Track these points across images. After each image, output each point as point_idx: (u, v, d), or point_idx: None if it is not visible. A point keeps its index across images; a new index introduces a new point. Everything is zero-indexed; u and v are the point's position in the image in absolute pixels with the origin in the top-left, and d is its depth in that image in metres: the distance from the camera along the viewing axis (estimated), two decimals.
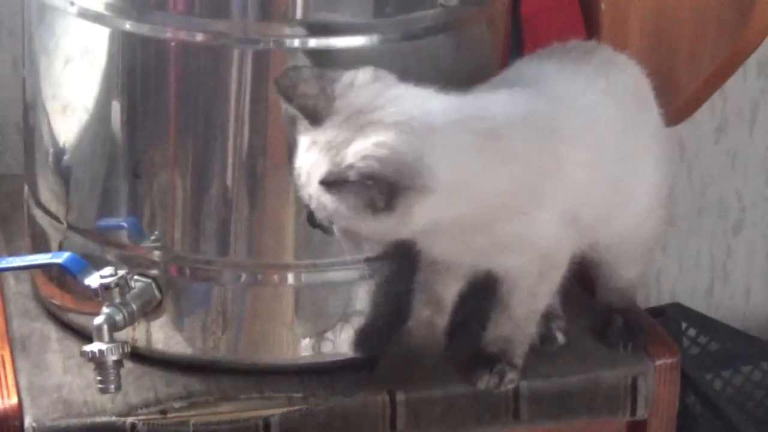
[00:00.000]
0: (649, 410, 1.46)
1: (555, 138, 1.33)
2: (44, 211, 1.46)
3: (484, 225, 1.31)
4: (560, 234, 1.35)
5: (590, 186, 1.36)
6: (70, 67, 1.40)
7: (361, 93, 1.27)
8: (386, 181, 1.22)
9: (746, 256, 2.01)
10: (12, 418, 1.34)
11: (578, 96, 1.37)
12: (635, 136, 1.42)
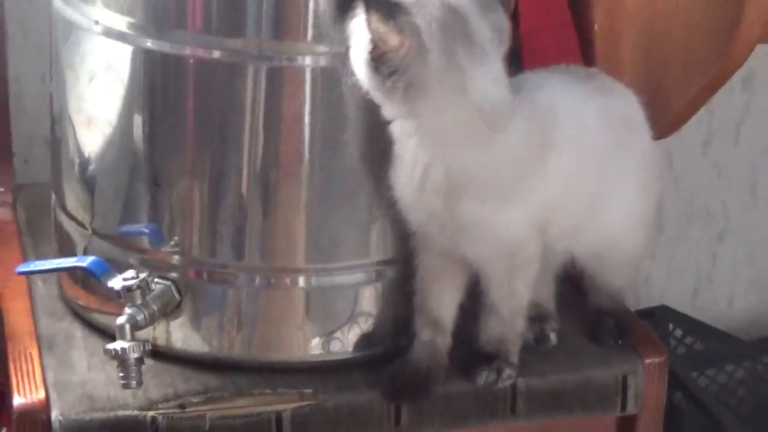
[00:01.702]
0: (639, 406, 1.46)
1: (545, 142, 1.35)
2: (70, 218, 1.47)
3: (452, 195, 1.32)
4: (526, 234, 1.37)
5: (567, 194, 1.37)
6: (94, 83, 1.40)
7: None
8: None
9: (730, 263, 2.01)
10: (39, 412, 1.34)
11: (573, 111, 1.39)
12: (620, 159, 1.43)
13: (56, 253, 1.50)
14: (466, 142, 1.30)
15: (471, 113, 1.28)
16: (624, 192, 1.44)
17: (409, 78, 1.26)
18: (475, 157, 1.31)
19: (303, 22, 1.33)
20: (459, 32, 1.27)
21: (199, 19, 1.34)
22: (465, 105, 1.28)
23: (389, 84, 1.26)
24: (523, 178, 1.34)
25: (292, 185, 1.36)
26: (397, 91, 1.27)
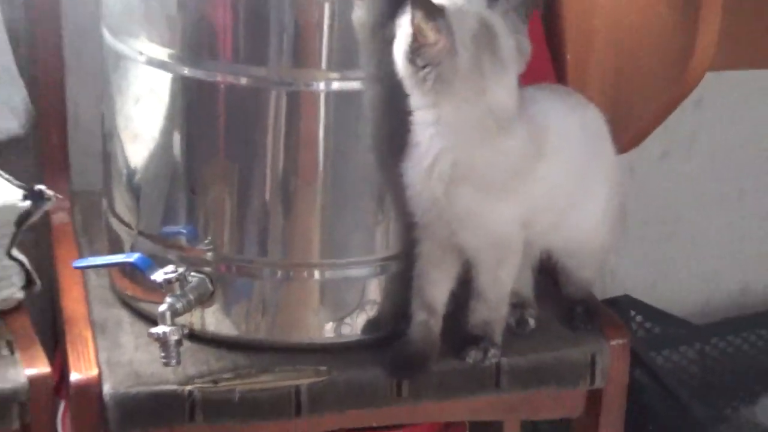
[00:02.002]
0: (605, 381, 1.46)
1: (538, 150, 1.35)
2: (119, 220, 1.47)
3: (455, 187, 1.32)
4: (512, 228, 1.37)
5: (549, 196, 1.38)
6: (139, 105, 1.40)
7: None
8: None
9: (682, 258, 2.01)
10: (93, 386, 1.35)
11: (560, 124, 1.39)
12: (593, 167, 1.43)
13: (107, 250, 1.50)
14: (475, 138, 1.31)
15: (484, 114, 1.30)
16: (595, 196, 1.44)
17: (438, 72, 1.28)
18: (479, 152, 1.32)
19: (318, 53, 1.33)
20: (488, 44, 1.29)
21: (228, 51, 1.34)
22: (481, 106, 1.30)
23: (421, 74, 1.28)
24: (515, 177, 1.34)
25: (309, 192, 1.36)
26: (427, 82, 1.29)
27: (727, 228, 2.02)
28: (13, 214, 1.39)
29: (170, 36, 1.35)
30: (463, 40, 1.28)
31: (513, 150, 1.33)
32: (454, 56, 1.28)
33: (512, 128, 1.32)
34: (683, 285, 2.02)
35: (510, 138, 1.32)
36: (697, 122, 1.95)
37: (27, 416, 1.33)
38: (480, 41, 1.29)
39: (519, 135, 1.33)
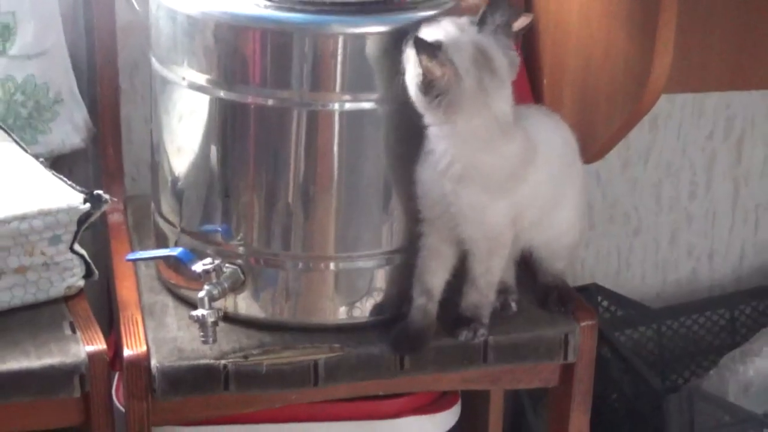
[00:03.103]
0: (576, 356, 1.45)
1: (531, 158, 1.35)
2: (165, 220, 1.46)
3: (461, 186, 1.32)
4: (505, 223, 1.36)
5: (534, 198, 1.38)
6: (182, 122, 1.40)
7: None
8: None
9: (641, 252, 2.01)
10: (143, 360, 1.35)
11: (547, 138, 1.39)
12: (569, 176, 1.44)
13: (154, 245, 1.50)
14: (482, 144, 1.32)
15: (490, 124, 1.31)
16: (569, 201, 1.44)
17: (448, 99, 1.28)
18: (485, 156, 1.33)
19: (332, 79, 1.32)
20: (486, 65, 1.30)
21: (257, 77, 1.33)
22: (487, 117, 1.30)
23: (435, 103, 1.29)
24: (511, 179, 1.34)
25: (325, 196, 1.36)
26: (441, 108, 1.29)
27: (678, 226, 2.02)
28: (75, 215, 1.39)
29: (208, 64, 1.35)
30: (464, 66, 1.28)
31: (513, 154, 1.34)
32: (460, 82, 1.28)
33: (512, 134, 1.33)
34: (642, 274, 2.02)
35: (511, 143, 1.33)
36: (653, 137, 1.95)
37: (87, 386, 1.33)
38: (479, 64, 1.29)
39: (518, 141, 1.34)
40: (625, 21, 1.46)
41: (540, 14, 1.67)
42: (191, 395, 1.36)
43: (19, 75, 1.62)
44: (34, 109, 1.64)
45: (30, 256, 1.38)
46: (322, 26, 1.31)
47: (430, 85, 1.28)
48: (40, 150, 1.61)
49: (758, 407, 1.73)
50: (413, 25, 1.31)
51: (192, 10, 1.34)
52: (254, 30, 1.32)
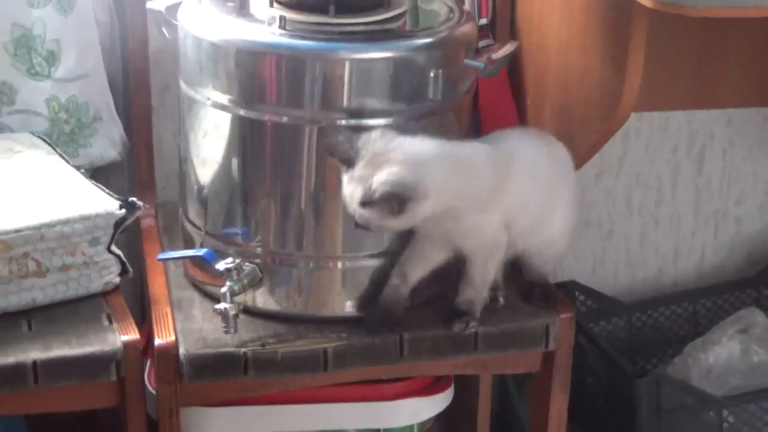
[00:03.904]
0: (556, 345, 1.45)
1: (506, 172, 1.34)
2: (191, 224, 1.46)
3: (455, 215, 1.30)
4: (499, 231, 1.35)
5: (521, 207, 1.36)
6: (207, 137, 1.40)
7: (376, 144, 1.26)
8: (397, 196, 1.22)
9: (614, 253, 2.00)
10: (171, 349, 1.35)
11: (527, 155, 1.37)
12: (558, 189, 1.42)
13: (182, 246, 1.50)
14: (454, 186, 1.28)
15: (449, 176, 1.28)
16: (560, 210, 1.42)
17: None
18: (464, 191, 1.29)
19: (340, 99, 1.32)
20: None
21: (274, 97, 1.33)
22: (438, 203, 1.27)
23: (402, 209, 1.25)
24: (494, 196, 1.33)
25: (334, 202, 1.35)
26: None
27: (646, 229, 2.01)
28: (111, 220, 1.39)
29: (230, 86, 1.35)
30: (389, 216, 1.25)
31: (486, 180, 1.31)
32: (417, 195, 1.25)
33: (476, 166, 1.30)
34: (615, 272, 2.02)
35: (478, 168, 1.30)
36: (624, 150, 1.95)
37: (122, 371, 1.33)
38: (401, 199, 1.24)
39: (484, 168, 1.31)
40: (599, 49, 1.46)
41: (524, 42, 1.67)
42: (215, 379, 1.36)
43: (63, 96, 1.62)
44: (76, 126, 1.64)
45: (72, 256, 1.38)
46: (330, 52, 1.31)
47: (403, 209, 1.24)
48: (81, 162, 1.61)
49: (717, 390, 1.72)
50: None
51: (215, 38, 1.34)
52: (271, 55, 1.32)
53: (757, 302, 1.95)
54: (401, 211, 1.24)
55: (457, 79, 1.37)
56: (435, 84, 1.34)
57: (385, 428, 1.55)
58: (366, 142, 1.26)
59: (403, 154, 1.25)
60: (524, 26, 1.67)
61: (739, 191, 2.02)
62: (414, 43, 1.34)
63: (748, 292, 1.97)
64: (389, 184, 1.22)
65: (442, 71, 1.34)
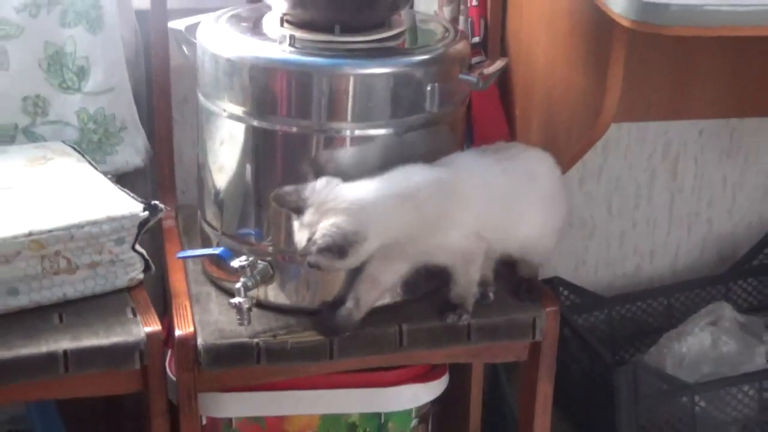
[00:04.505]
0: (542, 336, 1.45)
1: (455, 194, 1.30)
2: (208, 225, 1.46)
3: (412, 240, 1.29)
4: (470, 243, 1.33)
5: (483, 220, 1.33)
6: (223, 146, 1.40)
7: (321, 193, 1.26)
8: (336, 245, 1.22)
9: (595, 251, 2.00)
10: (190, 339, 1.35)
11: (477, 172, 1.34)
12: (523, 198, 1.37)
13: (200, 245, 1.50)
14: (405, 222, 1.27)
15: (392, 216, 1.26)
16: (532, 217, 1.39)
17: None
18: (412, 221, 1.28)
19: (345, 110, 1.32)
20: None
21: (284, 109, 1.33)
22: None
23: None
24: (448, 218, 1.30)
25: None
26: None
27: (625, 230, 2.01)
28: (136, 221, 1.39)
29: (244, 98, 1.35)
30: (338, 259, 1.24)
31: (428, 207, 1.28)
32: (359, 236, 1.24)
33: (419, 196, 1.27)
34: (596, 269, 2.02)
35: (422, 200, 1.27)
36: (604, 158, 1.94)
37: (145, 360, 1.33)
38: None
39: (428, 196, 1.27)
40: (581, 65, 1.46)
41: (513, 59, 1.66)
42: (230, 367, 1.36)
43: (92, 108, 1.62)
44: (104, 135, 1.64)
45: (100, 254, 1.38)
46: (336, 68, 1.31)
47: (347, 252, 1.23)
48: (108, 168, 1.61)
49: (690, 377, 1.72)
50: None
51: (231, 55, 1.34)
52: (281, 71, 1.32)
53: (726, 297, 1.95)
54: (344, 255, 1.23)
55: (452, 92, 1.37)
56: (432, 97, 1.34)
57: (386, 412, 1.55)
58: (312, 192, 1.25)
59: (344, 202, 1.24)
60: (513, 44, 1.67)
61: (709, 195, 2.02)
62: (412, 60, 1.34)
63: (718, 287, 1.97)
64: (329, 234, 1.22)
65: (439, 85, 1.34)
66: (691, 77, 1.78)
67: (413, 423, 1.58)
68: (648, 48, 1.70)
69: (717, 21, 1.23)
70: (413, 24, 1.45)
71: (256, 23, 1.42)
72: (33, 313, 1.35)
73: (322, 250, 1.22)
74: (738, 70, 1.79)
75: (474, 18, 1.67)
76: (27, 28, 1.56)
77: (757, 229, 2.05)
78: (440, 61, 1.36)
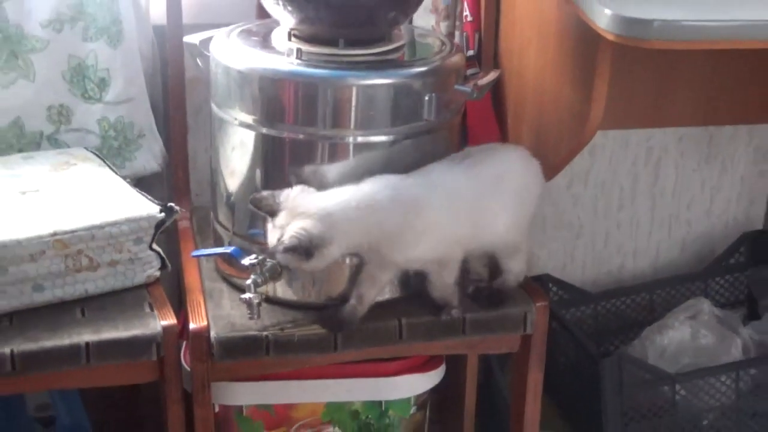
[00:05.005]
0: (533, 329, 1.44)
1: (416, 206, 1.28)
2: (221, 225, 1.46)
3: (378, 251, 1.27)
4: (441, 251, 1.31)
5: (451, 230, 1.31)
6: (234, 152, 1.40)
7: (295, 199, 1.26)
8: (302, 246, 1.22)
9: (582, 250, 1.99)
10: (204, 332, 1.35)
11: (443, 183, 1.31)
12: (492, 201, 1.35)
13: (213, 245, 1.50)
14: (368, 233, 1.27)
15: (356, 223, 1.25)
16: (499, 214, 1.36)
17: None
18: (375, 230, 1.26)
19: (348, 118, 1.32)
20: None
21: (291, 117, 1.33)
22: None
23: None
24: (412, 228, 1.28)
25: None
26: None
27: (610, 231, 2.01)
28: (153, 222, 1.39)
29: (254, 108, 1.34)
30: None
31: (391, 218, 1.27)
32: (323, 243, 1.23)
33: (382, 208, 1.26)
34: (583, 267, 2.01)
35: (385, 212, 1.26)
36: (591, 163, 1.94)
37: (162, 351, 1.33)
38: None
39: (384, 205, 1.26)
40: (569, 76, 1.46)
41: (505, 70, 1.66)
42: (241, 358, 1.36)
43: (112, 116, 1.61)
44: (123, 142, 1.63)
45: (119, 253, 1.37)
46: (340, 79, 1.31)
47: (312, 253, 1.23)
48: (127, 173, 1.61)
49: (670, 368, 1.72)
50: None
51: (242, 67, 1.34)
52: (289, 82, 1.32)
53: (704, 293, 1.95)
54: (310, 256, 1.23)
55: (448, 102, 1.37)
56: (429, 106, 1.34)
57: (386, 400, 1.54)
58: (287, 197, 1.26)
59: (314, 208, 1.24)
60: (506, 57, 1.67)
61: (689, 198, 2.02)
62: (411, 72, 1.34)
63: (697, 284, 1.96)
64: (296, 236, 1.22)
65: (436, 95, 1.34)
66: (671, 87, 1.78)
67: (412, 410, 1.57)
68: (631, 60, 1.69)
69: (696, 35, 1.23)
70: (412, 38, 1.45)
71: (265, 37, 1.41)
72: (57, 308, 1.35)
73: (288, 249, 1.22)
74: (715, 80, 1.79)
75: (469, 32, 1.66)
76: (52, 42, 1.56)
77: (733, 229, 2.04)
78: (437, 73, 1.35)
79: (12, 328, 1.30)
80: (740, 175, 2.02)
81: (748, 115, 1.86)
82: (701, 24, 1.22)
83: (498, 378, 1.81)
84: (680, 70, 1.76)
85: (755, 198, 2.05)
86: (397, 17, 1.38)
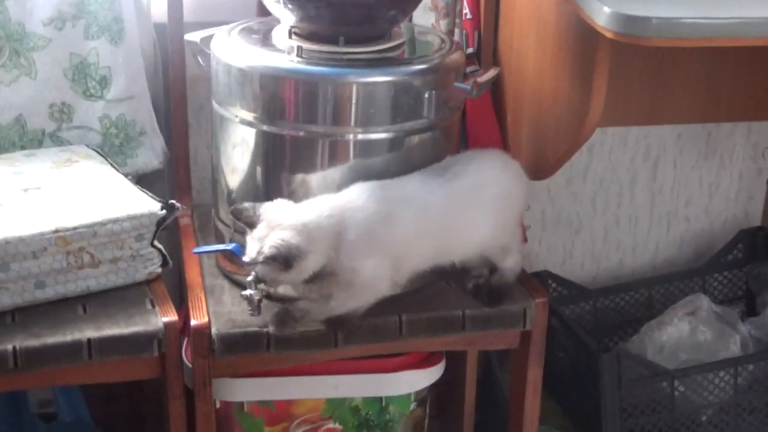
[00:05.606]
0: (532, 325, 1.44)
1: (388, 218, 1.28)
2: (222, 223, 1.46)
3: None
4: (431, 252, 1.31)
5: (424, 238, 1.30)
6: (235, 149, 1.40)
7: (274, 212, 1.26)
8: (280, 257, 1.22)
9: (581, 246, 1.99)
10: (205, 328, 1.34)
11: (416, 196, 1.30)
12: (470, 208, 1.33)
13: (214, 242, 1.49)
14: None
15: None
16: (480, 222, 1.35)
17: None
18: (340, 243, 1.26)
19: (348, 116, 1.32)
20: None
21: (292, 115, 1.33)
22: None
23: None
24: (377, 244, 1.28)
25: None
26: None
27: (609, 227, 2.01)
28: (154, 219, 1.39)
29: (255, 105, 1.34)
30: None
31: (354, 230, 1.26)
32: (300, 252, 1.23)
33: (342, 220, 1.26)
34: (582, 263, 2.01)
35: (346, 226, 1.26)
36: (590, 160, 1.94)
37: (163, 347, 1.33)
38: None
39: (353, 217, 1.26)
40: (568, 74, 1.46)
41: (504, 68, 1.66)
42: (242, 354, 1.36)
43: (114, 114, 1.61)
44: (124, 139, 1.63)
45: (121, 250, 1.37)
46: (340, 77, 1.31)
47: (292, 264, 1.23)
48: (128, 170, 1.60)
49: (669, 364, 1.72)
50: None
51: (243, 65, 1.34)
52: (289, 79, 1.32)
53: (702, 289, 1.95)
54: (289, 267, 1.23)
55: (448, 99, 1.37)
56: (429, 104, 1.34)
57: (387, 396, 1.54)
58: (266, 210, 1.26)
59: (292, 219, 1.24)
60: (505, 55, 1.66)
61: (687, 195, 2.02)
62: (411, 69, 1.34)
63: (695, 280, 1.96)
64: (275, 246, 1.22)
65: (435, 93, 1.33)
66: (670, 85, 1.78)
67: (412, 406, 1.57)
68: (630, 58, 1.69)
69: (695, 33, 1.23)
70: (412, 36, 1.45)
71: (266, 35, 1.41)
72: (59, 304, 1.35)
73: (268, 258, 1.22)
74: (713, 78, 1.78)
75: (468, 30, 1.66)
76: (53, 40, 1.56)
77: (732, 226, 2.04)
78: (437, 71, 1.35)
79: (14, 325, 1.30)
80: (738, 171, 2.02)
81: (746, 113, 1.86)
82: (700, 21, 1.22)
83: (497, 374, 1.81)
84: (679, 67, 1.76)
85: (753, 194, 2.05)
86: (397, 15, 1.37)
